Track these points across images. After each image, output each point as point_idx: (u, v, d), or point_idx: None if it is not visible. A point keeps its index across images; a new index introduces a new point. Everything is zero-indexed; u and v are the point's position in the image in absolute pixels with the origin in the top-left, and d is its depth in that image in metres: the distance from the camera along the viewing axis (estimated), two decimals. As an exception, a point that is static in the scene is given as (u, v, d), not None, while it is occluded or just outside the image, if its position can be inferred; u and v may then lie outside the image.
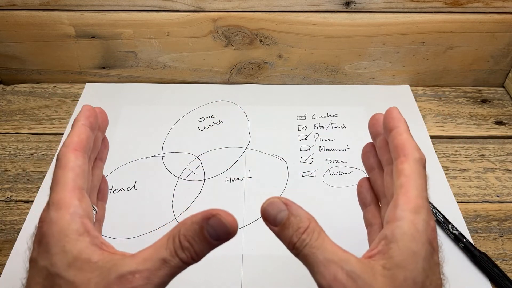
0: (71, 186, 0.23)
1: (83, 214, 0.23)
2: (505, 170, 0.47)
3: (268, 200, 0.23)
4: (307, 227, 0.23)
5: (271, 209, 0.23)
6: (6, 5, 0.51)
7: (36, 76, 0.57)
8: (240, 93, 0.56)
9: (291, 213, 0.23)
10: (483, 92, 0.57)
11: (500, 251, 0.40)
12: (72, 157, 0.24)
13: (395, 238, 0.22)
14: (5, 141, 0.50)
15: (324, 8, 0.51)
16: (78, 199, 0.23)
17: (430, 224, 0.23)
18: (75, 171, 0.24)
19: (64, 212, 0.22)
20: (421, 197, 0.23)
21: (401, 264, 0.21)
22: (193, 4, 0.50)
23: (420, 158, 0.25)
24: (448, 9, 0.51)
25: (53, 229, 0.22)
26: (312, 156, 0.48)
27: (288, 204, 0.23)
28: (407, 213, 0.22)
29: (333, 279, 0.21)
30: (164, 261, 0.21)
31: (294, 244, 0.23)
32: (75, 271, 0.21)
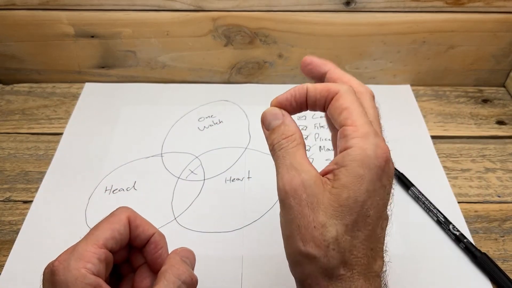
0: (101, 243, 0.26)
1: (96, 273, 0.25)
2: (506, 170, 0.47)
3: (271, 108, 0.27)
4: (289, 135, 0.25)
5: (270, 115, 0.26)
6: (5, 5, 0.50)
7: (35, 76, 0.57)
8: (240, 93, 0.56)
9: (283, 122, 0.26)
10: (484, 92, 0.57)
11: (501, 252, 0.39)
12: (124, 223, 0.27)
13: (345, 163, 0.23)
14: (4, 141, 0.49)
15: (324, 7, 0.50)
16: (99, 259, 0.25)
17: (380, 147, 0.23)
18: (114, 234, 0.26)
19: (82, 264, 0.24)
20: (366, 123, 0.24)
21: (345, 184, 0.23)
22: (192, 3, 0.50)
23: (350, 89, 0.26)
24: (449, 9, 0.51)
25: (68, 275, 0.24)
26: (312, 156, 0.48)
27: (284, 115, 0.26)
28: (356, 140, 0.23)
29: (288, 181, 0.24)
30: None
31: (273, 146, 0.26)
32: None
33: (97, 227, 0.27)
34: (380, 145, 0.24)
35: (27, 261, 0.38)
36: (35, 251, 0.39)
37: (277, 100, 0.27)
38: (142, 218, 0.29)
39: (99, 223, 0.27)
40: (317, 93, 0.26)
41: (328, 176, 0.24)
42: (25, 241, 0.39)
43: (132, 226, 0.28)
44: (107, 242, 0.26)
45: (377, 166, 0.23)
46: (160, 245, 0.28)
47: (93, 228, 0.27)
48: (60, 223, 0.41)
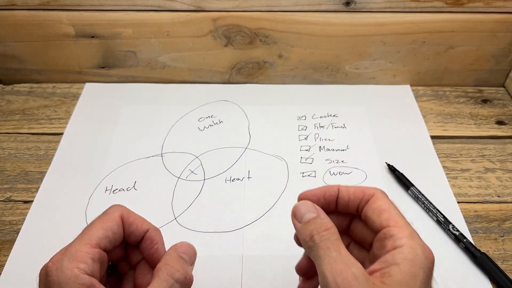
0: (95, 243, 0.25)
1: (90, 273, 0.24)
2: (505, 170, 0.47)
3: (304, 201, 0.27)
4: (329, 228, 0.25)
5: (303, 207, 0.27)
6: (5, 5, 0.50)
7: (35, 76, 0.57)
8: (240, 93, 0.56)
9: (319, 216, 0.26)
10: (484, 92, 0.57)
11: (500, 252, 0.39)
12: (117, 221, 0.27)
13: (396, 261, 0.23)
14: (4, 141, 0.49)
15: (324, 7, 0.51)
16: (92, 259, 0.25)
17: (426, 248, 0.24)
18: (107, 233, 0.26)
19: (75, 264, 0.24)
20: (409, 224, 0.25)
21: (400, 282, 0.23)
22: (192, 3, 0.50)
23: (383, 192, 0.27)
24: (449, 9, 0.51)
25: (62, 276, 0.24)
26: (312, 156, 0.48)
27: (319, 210, 0.27)
28: (404, 240, 0.24)
29: (339, 273, 0.23)
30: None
31: (312, 236, 0.25)
32: None
33: (90, 227, 0.26)
34: (426, 247, 0.24)
35: (27, 261, 0.38)
36: (35, 251, 0.39)
37: (305, 194, 0.28)
38: (135, 214, 0.28)
39: (92, 222, 0.27)
40: (351, 194, 0.27)
41: (375, 273, 0.24)
42: (26, 241, 0.39)
43: (126, 223, 0.28)
44: (101, 241, 0.26)
45: (427, 266, 0.23)
46: (155, 240, 0.28)
47: (86, 228, 0.26)
48: (61, 223, 0.41)
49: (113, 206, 0.28)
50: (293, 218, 0.27)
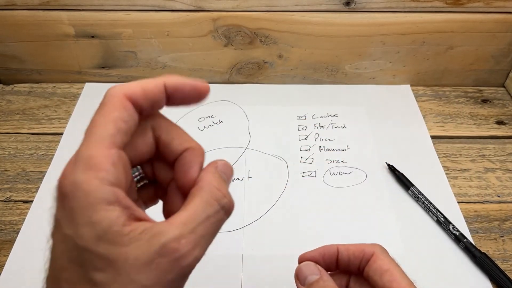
0: (108, 143, 0.19)
1: (114, 181, 0.19)
2: (505, 170, 0.47)
3: (306, 262, 0.27)
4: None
5: (306, 269, 0.26)
6: (5, 5, 0.50)
7: (35, 76, 0.57)
8: (240, 93, 0.56)
9: (322, 278, 0.26)
10: (484, 92, 0.57)
11: (500, 252, 0.39)
12: (120, 106, 0.20)
13: None
14: (4, 141, 0.49)
15: (324, 7, 0.51)
16: (112, 163, 0.19)
17: None
18: (117, 125, 0.20)
19: (92, 175, 0.18)
20: (410, 284, 0.25)
21: None
22: (193, 3, 0.50)
23: (383, 248, 0.27)
24: (449, 9, 0.51)
25: (79, 194, 0.18)
26: (312, 156, 0.48)
27: (321, 271, 0.26)
28: None
29: None
30: (207, 218, 0.20)
31: None
32: (106, 245, 0.18)
33: (93, 125, 0.20)
34: None
35: (27, 261, 0.38)
36: (35, 251, 0.39)
37: (304, 257, 0.27)
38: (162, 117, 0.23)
39: (93, 119, 0.20)
40: (350, 254, 0.27)
41: None
42: (26, 241, 0.39)
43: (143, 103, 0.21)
44: (114, 138, 0.19)
45: None
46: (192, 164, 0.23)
47: (89, 128, 0.20)
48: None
49: (111, 89, 0.21)
50: (296, 280, 0.27)
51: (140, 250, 0.18)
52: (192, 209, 0.20)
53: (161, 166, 0.24)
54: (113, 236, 0.18)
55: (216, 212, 0.21)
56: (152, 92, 0.22)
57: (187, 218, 0.20)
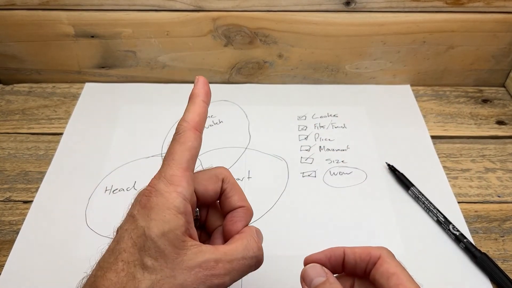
0: (185, 167, 0.25)
1: (187, 196, 0.25)
2: (506, 170, 0.47)
3: (312, 264, 0.27)
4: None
5: (312, 272, 0.26)
6: (5, 5, 0.50)
7: (35, 76, 0.57)
8: (240, 93, 0.56)
9: (328, 280, 0.26)
10: (484, 92, 0.57)
11: (501, 252, 0.39)
12: (193, 137, 0.26)
13: None
14: (4, 141, 0.49)
15: (324, 7, 0.50)
16: (187, 182, 0.25)
17: None
18: (192, 153, 0.26)
19: (172, 188, 0.24)
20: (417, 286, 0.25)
21: None
22: (192, 3, 0.50)
23: (390, 252, 0.27)
24: (449, 9, 0.51)
25: (159, 199, 0.24)
26: (312, 156, 0.48)
27: (328, 273, 0.26)
28: None
29: None
30: (243, 259, 0.25)
31: None
32: (166, 241, 0.23)
33: (172, 152, 0.26)
34: None
35: (27, 261, 0.38)
36: (35, 251, 0.39)
37: (310, 259, 0.28)
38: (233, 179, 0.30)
39: (172, 145, 0.26)
40: (357, 257, 0.27)
41: None
42: (25, 241, 0.39)
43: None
44: (189, 163, 0.25)
45: None
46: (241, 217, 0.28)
47: (169, 154, 0.26)
48: (60, 223, 0.41)
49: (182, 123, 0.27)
50: (302, 282, 0.27)
51: (188, 257, 0.23)
52: (235, 246, 0.25)
53: (215, 213, 0.30)
54: (174, 236, 0.23)
55: (250, 258, 0.25)
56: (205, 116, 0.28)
57: (229, 250, 0.25)
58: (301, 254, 0.30)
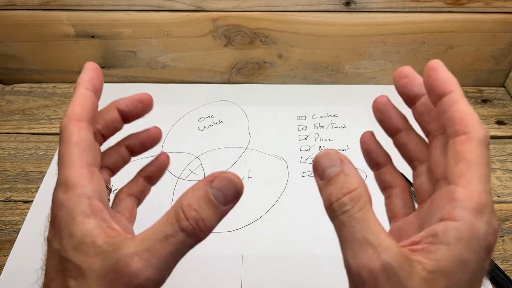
0: (78, 164, 0.22)
1: (91, 194, 0.21)
2: (505, 170, 0.47)
3: (325, 150, 0.21)
4: (352, 190, 0.19)
5: (325, 160, 0.21)
6: (5, 5, 0.50)
7: (35, 76, 0.57)
8: (240, 93, 0.56)
9: (343, 171, 0.20)
10: (484, 92, 0.57)
11: (500, 252, 0.39)
12: (76, 130, 0.22)
13: (447, 240, 0.18)
14: (4, 141, 0.49)
15: (324, 7, 0.51)
16: (87, 179, 0.21)
17: (493, 227, 0.18)
18: (81, 147, 0.22)
19: (71, 193, 0.21)
20: (485, 191, 0.19)
21: (446, 270, 0.18)
22: (192, 3, 0.50)
23: (485, 138, 0.19)
24: (449, 9, 0.51)
25: (62, 211, 0.21)
26: (312, 156, 0.48)
27: (343, 161, 0.20)
28: (467, 212, 0.18)
29: (365, 264, 0.18)
30: (165, 238, 0.19)
31: (331, 204, 0.20)
32: (81, 256, 0.20)
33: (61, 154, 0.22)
34: (493, 223, 0.18)
35: (27, 261, 0.38)
36: (35, 251, 0.39)
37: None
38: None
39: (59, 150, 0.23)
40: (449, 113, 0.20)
41: (418, 251, 0.18)
42: (25, 241, 0.39)
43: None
44: (82, 158, 0.22)
45: (484, 248, 0.18)
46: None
47: (59, 157, 0.22)
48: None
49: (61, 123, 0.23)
50: (314, 173, 0.21)
51: (103, 261, 0.19)
52: (153, 226, 0.20)
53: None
54: (87, 247, 0.20)
55: (175, 232, 0.19)
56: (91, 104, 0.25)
57: (146, 235, 0.20)
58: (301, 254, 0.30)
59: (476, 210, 0.18)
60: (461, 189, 0.19)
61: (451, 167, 0.19)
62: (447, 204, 0.19)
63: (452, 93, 0.21)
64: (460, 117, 0.20)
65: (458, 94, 0.21)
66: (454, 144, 0.20)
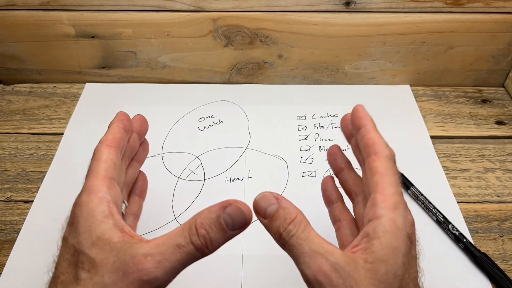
0: (102, 175, 0.26)
1: (110, 199, 0.25)
2: (505, 170, 0.47)
3: (260, 193, 0.25)
4: (293, 218, 0.24)
5: (263, 202, 0.24)
6: (5, 5, 0.51)
7: (35, 76, 0.57)
8: (240, 93, 0.56)
9: (280, 206, 0.24)
10: (484, 92, 0.57)
11: (500, 251, 0.39)
12: (106, 151, 0.27)
13: (376, 234, 0.22)
14: (4, 141, 0.50)
15: (324, 8, 0.51)
16: (107, 187, 0.25)
17: (408, 219, 0.24)
18: (107, 163, 0.27)
19: (93, 196, 0.25)
20: (397, 193, 0.24)
21: (382, 258, 0.22)
22: (193, 4, 0.50)
23: (390, 155, 0.26)
24: (449, 9, 0.51)
25: (83, 210, 0.24)
26: (312, 156, 0.48)
27: (278, 198, 0.24)
28: (386, 210, 0.23)
29: (318, 269, 0.22)
30: (177, 247, 0.22)
31: (280, 234, 0.24)
32: (97, 250, 0.23)
33: (90, 168, 0.27)
34: (408, 217, 0.24)
35: (27, 261, 0.38)
36: (35, 251, 0.39)
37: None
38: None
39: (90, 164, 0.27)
40: (364, 141, 0.27)
41: (358, 250, 0.23)
42: (26, 241, 0.39)
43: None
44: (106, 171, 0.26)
45: (406, 237, 0.23)
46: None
47: (88, 171, 0.27)
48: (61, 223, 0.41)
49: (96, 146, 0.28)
50: (257, 215, 0.25)
51: (117, 257, 0.22)
52: (169, 234, 0.23)
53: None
54: (103, 243, 0.23)
55: (186, 244, 0.23)
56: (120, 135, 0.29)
57: (162, 241, 0.23)
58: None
59: (392, 207, 0.23)
60: (379, 195, 0.24)
61: (368, 180, 0.25)
62: (371, 208, 0.24)
63: (366, 126, 0.27)
64: (371, 142, 0.26)
65: (370, 126, 0.28)
66: (368, 163, 0.26)
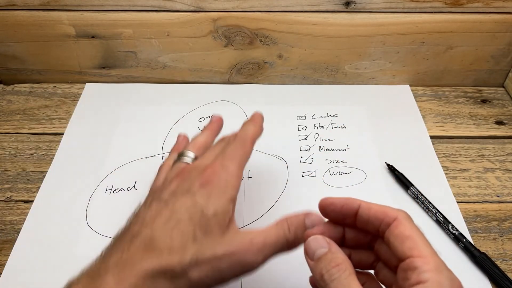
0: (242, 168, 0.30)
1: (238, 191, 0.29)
2: (505, 170, 0.47)
3: (314, 236, 0.26)
4: (339, 263, 0.24)
5: (314, 244, 0.26)
6: (6, 5, 0.51)
7: (36, 76, 0.57)
8: (240, 93, 0.56)
9: (330, 250, 0.25)
10: (483, 92, 0.57)
11: (500, 251, 0.40)
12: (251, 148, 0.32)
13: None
14: (5, 141, 0.50)
15: (324, 8, 0.51)
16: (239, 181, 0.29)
17: (454, 280, 0.23)
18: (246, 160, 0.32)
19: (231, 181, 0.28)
20: (435, 253, 0.23)
21: None
22: (193, 4, 0.50)
23: (407, 216, 0.25)
24: (448, 9, 0.51)
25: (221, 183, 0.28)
26: (312, 156, 0.48)
27: (330, 243, 0.26)
28: (430, 274, 0.22)
29: None
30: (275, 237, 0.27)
31: (322, 275, 0.24)
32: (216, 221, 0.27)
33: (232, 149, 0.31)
34: (455, 279, 0.23)
35: (28, 260, 0.38)
36: (36, 251, 0.39)
37: (326, 201, 0.27)
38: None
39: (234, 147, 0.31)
40: (372, 214, 0.26)
41: None
42: (26, 240, 0.40)
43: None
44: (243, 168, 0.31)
45: None
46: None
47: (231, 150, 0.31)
48: (61, 223, 0.41)
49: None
50: (306, 256, 0.26)
51: (228, 236, 0.27)
52: (267, 228, 0.28)
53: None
54: (222, 218, 0.27)
55: (281, 237, 0.27)
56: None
57: (264, 231, 0.27)
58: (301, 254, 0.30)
59: (436, 269, 0.22)
60: (417, 258, 0.23)
61: (398, 248, 0.24)
62: (412, 273, 0.22)
63: (361, 203, 0.27)
64: (382, 210, 0.25)
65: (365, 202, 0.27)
66: (390, 231, 0.25)
